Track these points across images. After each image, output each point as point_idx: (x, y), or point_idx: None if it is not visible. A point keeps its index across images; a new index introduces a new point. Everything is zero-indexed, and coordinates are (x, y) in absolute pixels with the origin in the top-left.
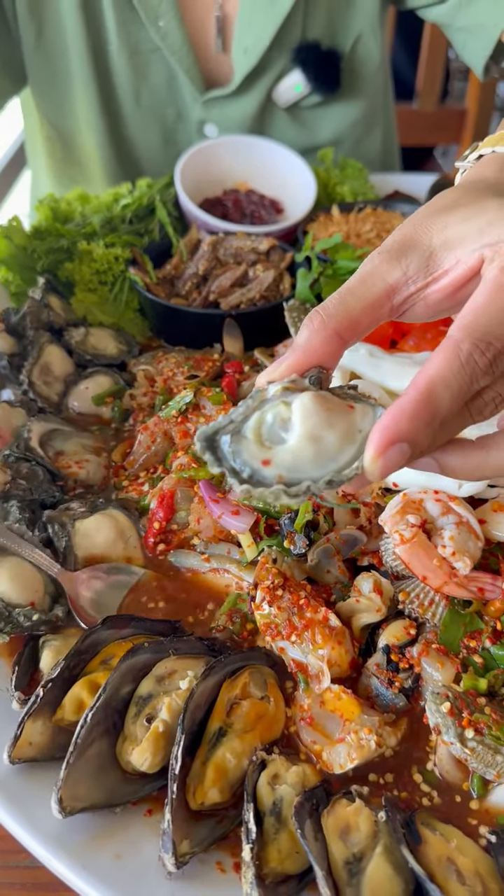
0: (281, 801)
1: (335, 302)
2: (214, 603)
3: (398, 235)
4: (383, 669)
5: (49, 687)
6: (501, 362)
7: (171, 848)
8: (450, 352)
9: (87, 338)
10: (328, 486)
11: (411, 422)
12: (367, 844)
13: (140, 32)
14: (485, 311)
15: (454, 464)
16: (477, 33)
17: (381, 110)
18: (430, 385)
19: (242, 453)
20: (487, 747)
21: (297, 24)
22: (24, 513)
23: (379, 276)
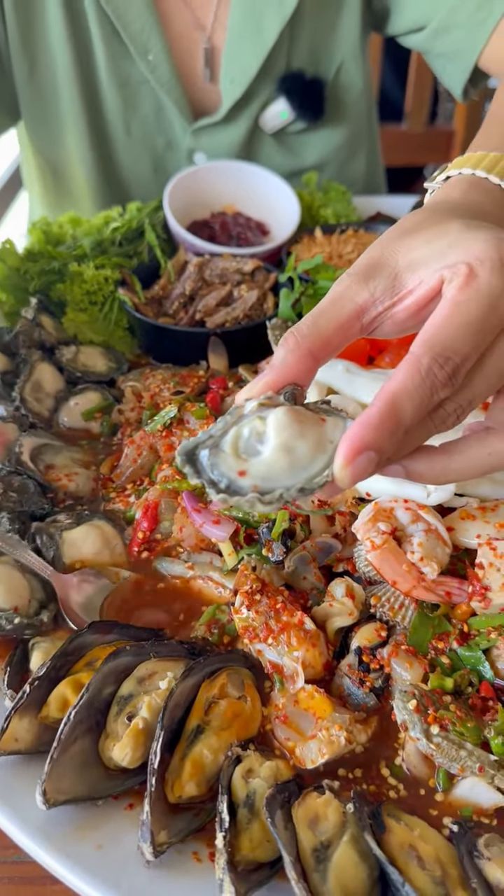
0: (254, 794)
1: (308, 323)
2: (197, 608)
3: (366, 258)
4: (355, 670)
5: (35, 685)
6: (460, 375)
7: (149, 838)
8: (411, 366)
9: (77, 355)
10: (300, 493)
11: (376, 431)
12: (335, 833)
13: (129, 66)
14: (443, 327)
15: (420, 469)
16: (455, 59)
17: (365, 134)
18: (393, 397)
19: (220, 465)
20: (452, 742)
21: (282, 53)
22: (14, 524)
23: (348, 297)
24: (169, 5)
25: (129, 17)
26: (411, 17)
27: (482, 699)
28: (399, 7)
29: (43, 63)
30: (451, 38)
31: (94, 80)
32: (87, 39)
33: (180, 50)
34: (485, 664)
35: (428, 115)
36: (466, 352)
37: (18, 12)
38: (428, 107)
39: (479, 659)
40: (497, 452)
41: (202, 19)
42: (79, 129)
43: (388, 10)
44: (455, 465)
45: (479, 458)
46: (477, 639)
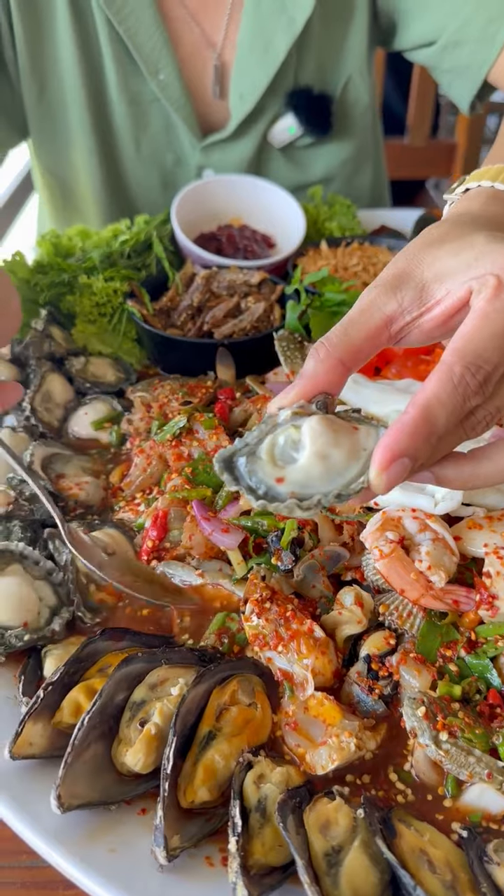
0: (266, 799)
1: (338, 333)
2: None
3: (393, 269)
4: (364, 677)
5: (49, 690)
6: (491, 383)
7: (162, 842)
8: (444, 374)
9: (86, 366)
10: (337, 499)
11: (411, 438)
12: (346, 838)
13: (140, 85)
14: (474, 337)
15: (449, 475)
16: (463, 74)
17: (370, 148)
18: (427, 405)
19: (258, 472)
20: (460, 749)
21: (290, 70)
22: (26, 532)
23: (377, 307)
24: (179, 24)
25: (141, 37)
26: (419, 32)
27: (490, 706)
28: (407, 23)
29: (52, 83)
30: (460, 53)
31: (104, 98)
32: (97, 59)
33: (190, 68)
34: (492, 672)
35: (430, 128)
36: (496, 360)
37: (28, 33)
38: (430, 120)
39: (486, 667)
40: None
41: (212, 37)
42: (87, 147)
43: (396, 25)
44: (482, 470)
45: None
46: (485, 647)
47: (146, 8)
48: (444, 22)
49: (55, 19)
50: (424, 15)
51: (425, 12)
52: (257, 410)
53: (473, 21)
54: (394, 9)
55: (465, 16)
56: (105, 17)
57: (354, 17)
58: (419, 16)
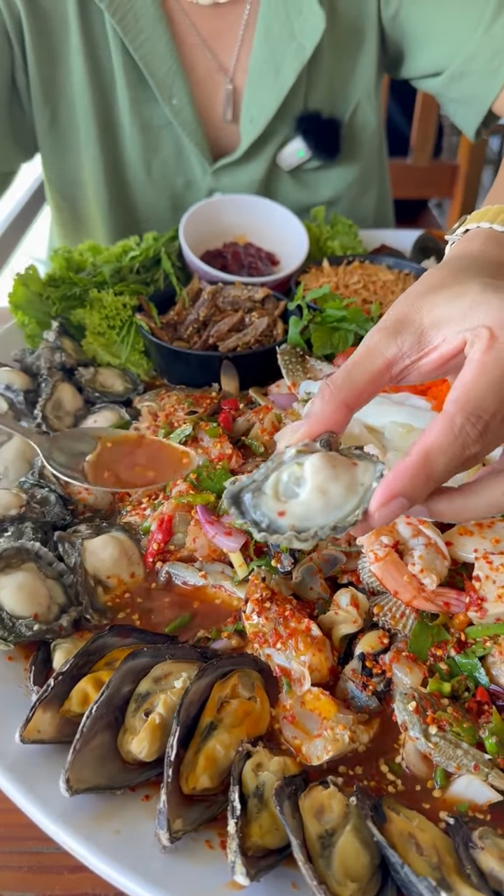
0: (263, 786)
1: (342, 376)
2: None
3: (394, 313)
4: (358, 674)
5: (59, 679)
6: (490, 431)
7: (165, 825)
8: (446, 424)
9: (96, 376)
10: (332, 531)
11: (410, 481)
12: (339, 823)
13: (153, 109)
14: (472, 388)
15: (441, 509)
16: (469, 103)
17: (376, 171)
18: (428, 451)
19: (261, 507)
20: (449, 742)
21: (299, 94)
22: (38, 533)
23: (379, 351)
24: (193, 51)
25: (156, 63)
26: (426, 62)
27: (478, 703)
28: (414, 52)
29: (64, 108)
30: (465, 84)
31: (115, 123)
32: (109, 84)
33: (202, 93)
34: (480, 671)
35: (433, 149)
36: (494, 410)
37: (41, 60)
38: (433, 141)
39: (475, 666)
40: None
41: (224, 62)
42: (97, 171)
43: (403, 54)
44: (471, 504)
45: (493, 499)
46: (473, 647)
47: (161, 35)
48: (450, 53)
49: (68, 45)
50: (431, 46)
51: (432, 43)
52: (259, 420)
53: (479, 53)
54: (402, 38)
55: (472, 48)
56: (119, 44)
57: (363, 46)
58: (426, 46)
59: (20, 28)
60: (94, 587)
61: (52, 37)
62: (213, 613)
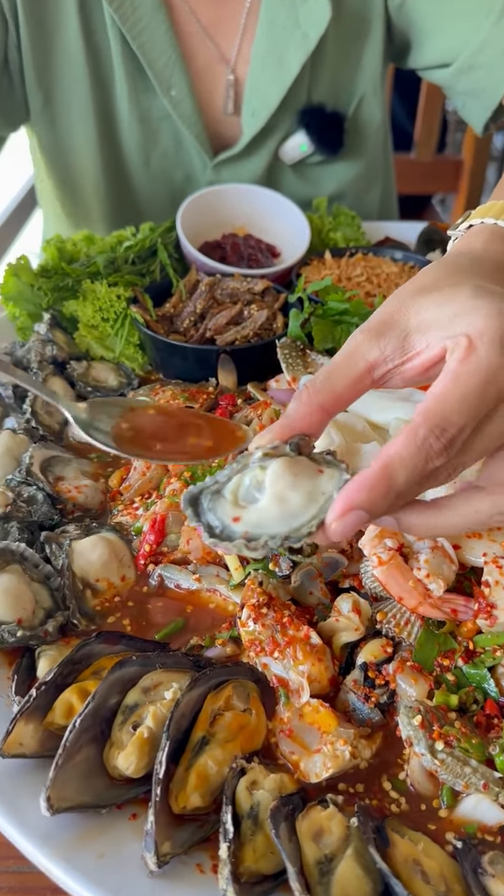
0: (258, 806)
1: (322, 378)
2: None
3: (381, 314)
4: (360, 685)
5: (42, 690)
6: (455, 445)
7: (153, 848)
8: (409, 435)
9: (88, 371)
10: (284, 541)
11: (369, 493)
12: (339, 847)
13: (151, 101)
14: (441, 400)
15: (412, 522)
16: (478, 96)
17: (381, 165)
18: (389, 463)
19: (217, 510)
20: (456, 759)
21: (303, 86)
22: (24, 533)
23: (361, 354)
24: (193, 40)
25: (155, 53)
26: (435, 53)
27: (487, 716)
28: (422, 43)
29: (59, 94)
30: (474, 77)
31: (113, 114)
32: (107, 74)
33: (202, 84)
34: (490, 682)
35: (436, 144)
36: (462, 423)
37: (35, 42)
38: (437, 136)
39: (484, 676)
40: (483, 511)
41: (226, 52)
42: (94, 162)
43: (410, 45)
44: (443, 520)
45: (466, 516)
46: (482, 656)
47: (160, 23)
48: (460, 44)
49: (65, 30)
50: (440, 36)
51: (441, 34)
52: (258, 416)
53: (489, 45)
54: (409, 28)
55: (482, 39)
56: (118, 32)
57: (370, 35)
58: (435, 37)
59: (14, 6)
60: (83, 591)
61: (46, 19)
62: (207, 619)
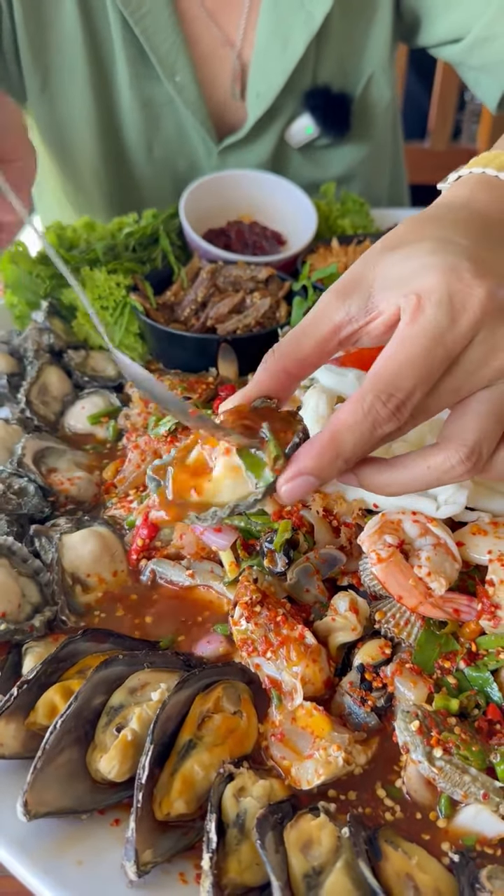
0: (245, 813)
1: (288, 341)
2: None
3: (349, 274)
4: (357, 688)
5: (24, 688)
6: (406, 409)
7: (133, 856)
8: (355, 402)
9: (86, 360)
10: (232, 512)
11: (316, 460)
12: (328, 859)
13: (154, 87)
14: (388, 364)
15: (369, 479)
16: (492, 71)
17: (390, 147)
18: (336, 430)
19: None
20: (455, 767)
21: (308, 67)
22: (13, 527)
23: (327, 316)
24: (197, 24)
25: (158, 38)
26: (446, 28)
27: (489, 722)
28: (432, 18)
29: (56, 75)
30: (489, 50)
31: (114, 100)
32: (108, 59)
33: (206, 68)
34: (493, 685)
35: (451, 132)
36: (409, 387)
37: (29, 21)
38: (451, 124)
39: (486, 680)
40: (434, 466)
41: (231, 35)
42: (95, 149)
43: (420, 21)
44: (397, 476)
45: (419, 471)
46: (485, 659)
47: (163, 7)
48: (472, 17)
49: (62, 12)
50: (451, 10)
51: (452, 7)
52: None
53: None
54: (418, 4)
55: (494, 10)
56: (119, 16)
57: (377, 13)
58: (446, 11)
59: None
60: (72, 586)
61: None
62: (200, 616)
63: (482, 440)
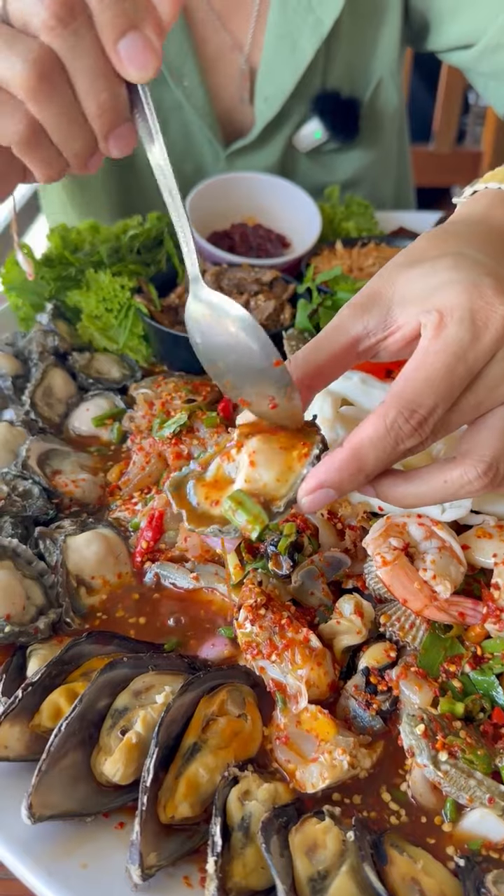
0: (250, 817)
1: (306, 352)
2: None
3: (369, 288)
4: (361, 691)
5: (29, 690)
6: (427, 426)
7: (138, 860)
8: (378, 418)
9: (91, 362)
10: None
11: (337, 473)
12: (333, 863)
13: (162, 91)
14: (410, 381)
15: (386, 492)
16: (502, 77)
17: (396, 150)
18: (359, 445)
19: (199, 495)
20: (461, 771)
21: (317, 72)
22: (17, 528)
23: (344, 329)
24: (206, 28)
25: (167, 43)
26: (456, 34)
27: (494, 726)
28: (441, 23)
29: None
30: (499, 57)
31: None
32: None
33: (214, 72)
34: (498, 689)
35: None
36: (431, 404)
37: None
38: (456, 127)
39: (492, 684)
40: (451, 480)
41: (239, 39)
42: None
43: (429, 26)
44: (414, 489)
45: (436, 485)
46: (490, 662)
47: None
48: (483, 23)
49: None
50: (461, 16)
51: (463, 13)
52: None
53: None
54: (428, 9)
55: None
56: None
57: (386, 18)
58: (456, 17)
59: None
60: (77, 588)
61: None
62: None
63: (500, 456)
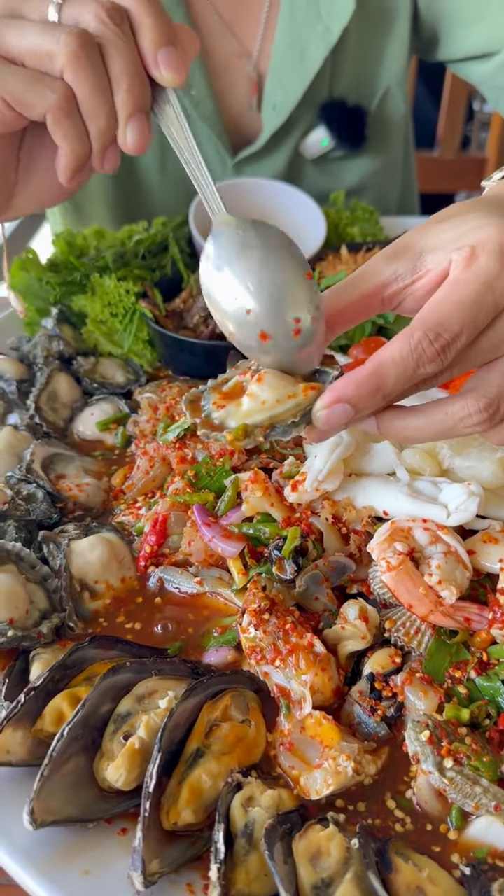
0: (253, 824)
1: (334, 290)
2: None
3: (399, 241)
4: (366, 697)
5: (31, 695)
6: (450, 352)
7: (140, 866)
8: (403, 337)
9: (96, 367)
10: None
11: (356, 389)
12: (338, 870)
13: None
14: (439, 305)
15: (387, 425)
16: None
17: (402, 158)
18: (381, 363)
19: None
20: (466, 778)
21: (324, 80)
22: (21, 532)
23: (374, 273)
24: (214, 36)
25: None
26: (470, 44)
27: (500, 732)
28: (451, 35)
29: None
30: None
31: None
32: None
33: (222, 80)
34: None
35: (460, 141)
36: (457, 329)
37: None
38: (460, 133)
39: (498, 690)
40: (452, 413)
41: (247, 47)
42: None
43: (438, 37)
44: (414, 422)
45: (437, 417)
46: (497, 668)
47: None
48: (496, 36)
49: None
50: (473, 28)
51: (479, 23)
52: None
53: None
54: (439, 19)
55: None
56: None
57: (395, 27)
58: (466, 28)
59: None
60: (80, 592)
61: None
62: (208, 624)
63: (503, 396)
